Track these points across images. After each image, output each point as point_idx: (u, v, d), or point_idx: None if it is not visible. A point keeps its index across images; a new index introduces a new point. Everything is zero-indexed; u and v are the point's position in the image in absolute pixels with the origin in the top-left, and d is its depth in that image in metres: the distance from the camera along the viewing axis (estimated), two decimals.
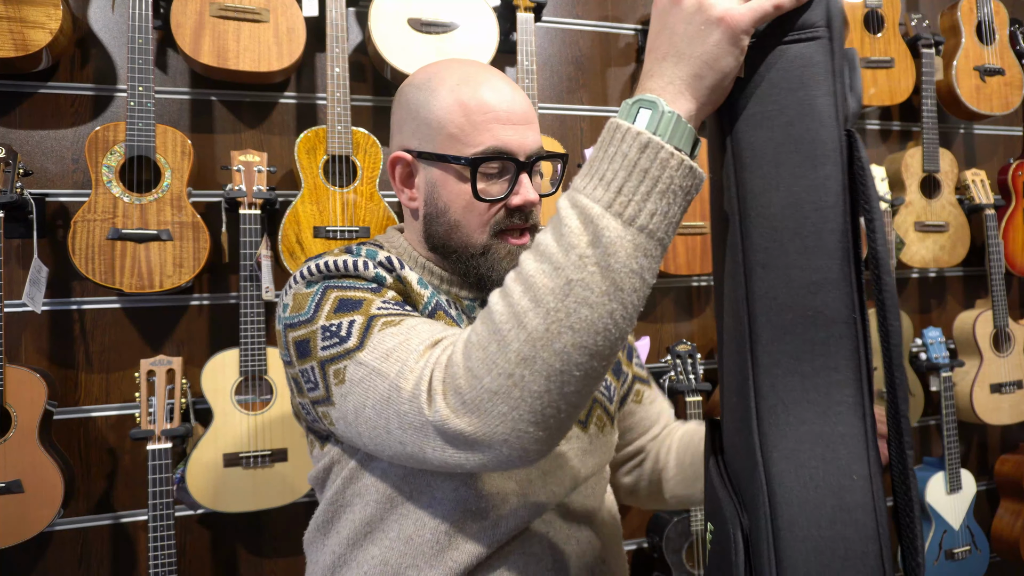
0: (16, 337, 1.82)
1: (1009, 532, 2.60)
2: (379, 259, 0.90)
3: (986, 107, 2.54)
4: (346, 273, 0.88)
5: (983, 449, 2.80)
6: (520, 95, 0.94)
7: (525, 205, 0.93)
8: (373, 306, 0.82)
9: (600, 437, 1.02)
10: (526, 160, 0.92)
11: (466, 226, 0.94)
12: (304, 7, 1.89)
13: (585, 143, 2.29)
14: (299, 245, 1.82)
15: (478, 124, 0.90)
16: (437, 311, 0.91)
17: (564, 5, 2.31)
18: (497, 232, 0.93)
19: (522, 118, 0.93)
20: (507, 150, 0.91)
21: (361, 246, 0.94)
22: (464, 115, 0.91)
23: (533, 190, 0.93)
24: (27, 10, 1.66)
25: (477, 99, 0.91)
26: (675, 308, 2.39)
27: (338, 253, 0.91)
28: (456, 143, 0.91)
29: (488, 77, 0.94)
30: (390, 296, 0.85)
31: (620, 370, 1.13)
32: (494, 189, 0.93)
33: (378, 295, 0.85)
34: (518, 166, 0.92)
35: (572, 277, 0.63)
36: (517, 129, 0.92)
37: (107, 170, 1.72)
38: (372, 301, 0.83)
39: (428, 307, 0.91)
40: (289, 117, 2.04)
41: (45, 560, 1.83)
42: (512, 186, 0.92)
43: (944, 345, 2.47)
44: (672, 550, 2.11)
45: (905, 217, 2.46)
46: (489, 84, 0.92)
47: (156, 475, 1.65)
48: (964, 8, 2.54)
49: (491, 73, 0.95)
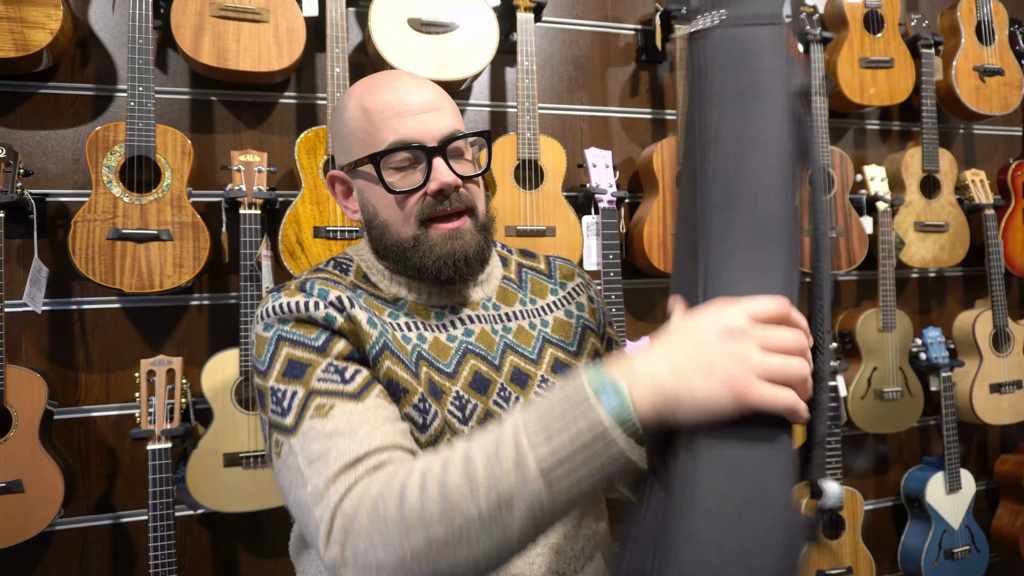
0: (16, 337, 1.82)
1: (1009, 532, 2.60)
2: (330, 299, 0.90)
3: (986, 107, 2.55)
4: (298, 316, 0.88)
5: (983, 449, 2.80)
6: (424, 87, 0.96)
7: (443, 188, 0.93)
8: (314, 377, 0.84)
9: None
10: (437, 145, 0.94)
11: (393, 223, 0.96)
12: (304, 7, 1.89)
13: (585, 143, 2.29)
14: (299, 245, 1.82)
15: (378, 123, 0.93)
16: (384, 352, 0.90)
17: (564, 5, 2.31)
18: (424, 221, 0.95)
19: (423, 107, 0.94)
20: (411, 139, 0.93)
21: (314, 281, 0.92)
22: (366, 119, 0.94)
23: (448, 173, 0.93)
24: (27, 10, 1.66)
25: (375, 101, 0.94)
26: None
27: (293, 291, 0.91)
28: (366, 147, 0.95)
29: (391, 80, 0.96)
30: (336, 352, 0.86)
31: (600, 360, 1.13)
32: (411, 180, 0.94)
33: (323, 355, 0.86)
34: (427, 152, 0.93)
35: (483, 510, 0.67)
36: (419, 118, 0.93)
37: (107, 170, 1.72)
38: (315, 368, 0.84)
39: (375, 348, 0.90)
40: (289, 117, 2.05)
41: (45, 560, 1.83)
42: (428, 173, 0.93)
43: (944, 345, 2.48)
44: None
45: (905, 217, 2.46)
46: (389, 85, 0.95)
47: (156, 475, 1.65)
48: (964, 8, 2.54)
49: (395, 76, 0.98)
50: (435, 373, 0.94)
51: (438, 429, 0.91)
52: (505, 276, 1.09)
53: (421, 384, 0.92)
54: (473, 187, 0.98)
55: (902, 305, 2.62)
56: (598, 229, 2.05)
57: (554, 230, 2.04)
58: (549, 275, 1.13)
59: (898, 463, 2.66)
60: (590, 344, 1.09)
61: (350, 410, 0.81)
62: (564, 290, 1.12)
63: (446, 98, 0.99)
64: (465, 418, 0.94)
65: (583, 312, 1.11)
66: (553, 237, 2.04)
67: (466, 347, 0.98)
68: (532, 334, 1.04)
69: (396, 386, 0.89)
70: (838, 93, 2.39)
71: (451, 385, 0.95)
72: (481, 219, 0.99)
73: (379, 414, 0.82)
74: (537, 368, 1.01)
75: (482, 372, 0.97)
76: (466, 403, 0.95)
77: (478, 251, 0.97)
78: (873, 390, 2.40)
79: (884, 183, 2.42)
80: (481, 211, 1.00)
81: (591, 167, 2.08)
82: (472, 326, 1.00)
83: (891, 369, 2.41)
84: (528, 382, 1.00)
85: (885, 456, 2.65)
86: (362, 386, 0.85)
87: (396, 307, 0.98)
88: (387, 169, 0.94)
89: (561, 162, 2.08)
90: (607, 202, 2.05)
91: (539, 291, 1.10)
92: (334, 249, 1.84)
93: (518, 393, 0.99)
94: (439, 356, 0.96)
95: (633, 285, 2.31)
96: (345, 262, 1.03)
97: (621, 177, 2.27)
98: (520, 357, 1.01)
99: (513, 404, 0.98)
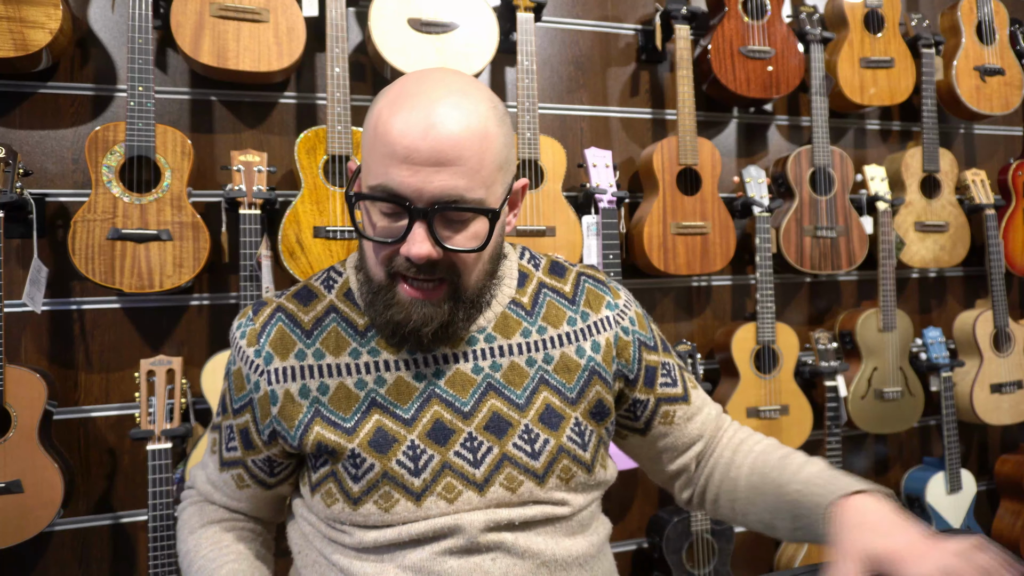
0: (16, 337, 1.82)
1: (1009, 532, 2.60)
2: (271, 368, 0.93)
3: (986, 107, 2.54)
4: (240, 368, 0.96)
5: (983, 449, 2.80)
6: (447, 126, 0.80)
7: (412, 258, 0.82)
8: (223, 423, 1.01)
9: (510, 494, 0.92)
10: (426, 208, 0.81)
11: (369, 258, 0.89)
12: (304, 7, 1.89)
13: (585, 143, 2.29)
14: (299, 245, 1.82)
15: (378, 157, 0.82)
16: (313, 421, 0.92)
17: (564, 5, 2.31)
18: (393, 275, 0.87)
19: (428, 159, 0.80)
20: (398, 193, 0.81)
21: (276, 322, 0.96)
22: (373, 141, 0.84)
23: (424, 243, 0.81)
24: (27, 10, 1.66)
25: (386, 127, 0.81)
26: (675, 308, 2.39)
27: (252, 335, 0.96)
28: (366, 168, 0.86)
29: (419, 101, 0.82)
30: (237, 422, 0.98)
31: (605, 411, 0.99)
32: (391, 228, 0.85)
33: (232, 416, 0.99)
34: (410, 214, 0.81)
35: None
36: (417, 171, 0.80)
37: (107, 170, 1.72)
38: (225, 419, 1.00)
39: (302, 424, 0.93)
40: (289, 117, 2.05)
41: (45, 560, 1.83)
42: (407, 232, 0.82)
43: (944, 345, 2.48)
44: (672, 550, 2.11)
45: (905, 217, 2.46)
46: (411, 110, 0.81)
47: (156, 475, 1.65)
48: (964, 8, 2.54)
49: (429, 95, 0.82)
50: (389, 419, 0.90)
51: (372, 481, 0.89)
52: (515, 300, 0.98)
53: (358, 438, 0.90)
54: (465, 257, 0.86)
55: (902, 305, 2.62)
56: (598, 229, 2.05)
57: (554, 230, 2.04)
58: (572, 300, 1.01)
59: (898, 463, 2.66)
60: (593, 393, 0.97)
61: (216, 465, 1.03)
62: (584, 322, 0.99)
63: (474, 138, 0.82)
64: (417, 469, 0.89)
65: (597, 354, 0.98)
66: (553, 237, 2.04)
67: (432, 391, 0.92)
68: (527, 372, 0.94)
69: (325, 448, 0.90)
70: (838, 93, 2.39)
71: (406, 433, 0.90)
72: (464, 293, 0.89)
73: (228, 485, 1.02)
74: (522, 415, 0.93)
75: (444, 420, 0.91)
76: (420, 453, 0.89)
77: (443, 326, 0.88)
78: (873, 390, 2.40)
79: (884, 183, 2.42)
80: (468, 281, 0.88)
81: (591, 167, 2.08)
82: (445, 366, 0.93)
83: (891, 369, 2.41)
84: (508, 431, 0.92)
85: (885, 456, 2.65)
86: (227, 462, 1.01)
87: (365, 339, 0.93)
88: (373, 205, 0.85)
89: (561, 162, 2.08)
90: (607, 202, 2.05)
91: (554, 318, 0.98)
92: (334, 249, 1.84)
93: (491, 443, 0.91)
94: (398, 400, 0.91)
95: (633, 285, 2.30)
96: (335, 276, 0.99)
97: (621, 177, 2.27)
98: (503, 401, 0.93)
99: (484, 455, 0.91)
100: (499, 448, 0.91)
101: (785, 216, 2.31)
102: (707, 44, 2.27)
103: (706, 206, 2.20)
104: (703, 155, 2.21)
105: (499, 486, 0.90)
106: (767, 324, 2.23)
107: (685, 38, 2.20)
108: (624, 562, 2.32)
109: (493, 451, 0.91)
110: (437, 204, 0.81)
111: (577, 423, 0.95)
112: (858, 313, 2.42)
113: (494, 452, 0.91)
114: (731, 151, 2.47)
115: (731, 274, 2.46)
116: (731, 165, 2.46)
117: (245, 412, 0.96)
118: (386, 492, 0.89)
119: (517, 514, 0.91)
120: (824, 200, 2.34)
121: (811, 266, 2.32)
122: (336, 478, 0.91)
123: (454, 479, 0.90)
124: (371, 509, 0.89)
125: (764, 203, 2.23)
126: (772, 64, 2.28)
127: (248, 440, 0.97)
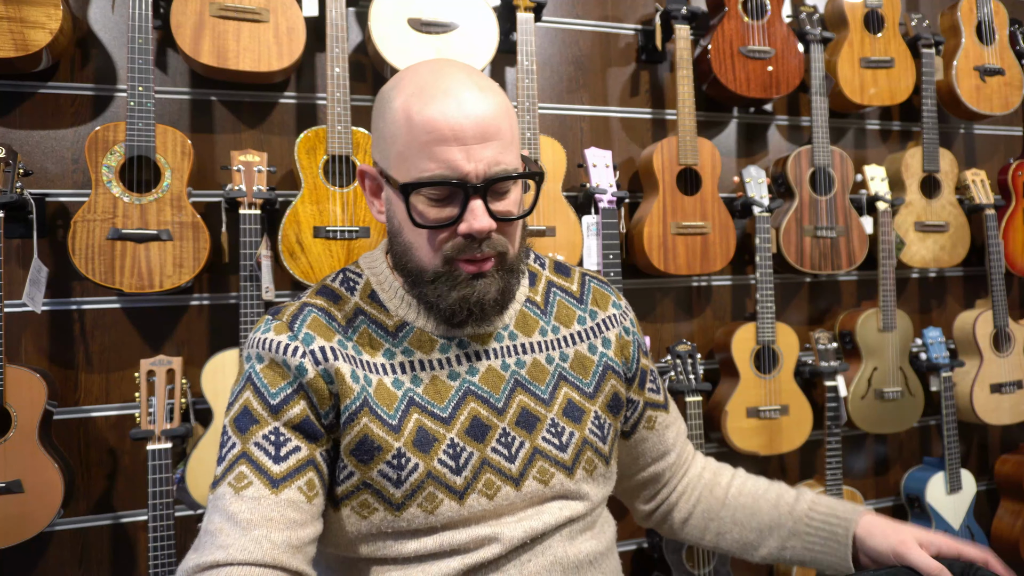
0: (16, 337, 1.82)
1: (1009, 532, 2.60)
2: (313, 347, 0.88)
3: (986, 107, 2.54)
4: (273, 358, 0.88)
5: (983, 449, 2.80)
6: (480, 105, 0.84)
7: (475, 233, 0.85)
8: (252, 440, 0.86)
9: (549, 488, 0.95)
10: (480, 183, 0.84)
11: (418, 249, 0.89)
12: (304, 7, 1.89)
13: (585, 143, 2.29)
14: (299, 245, 1.82)
15: (421, 145, 0.83)
16: (363, 408, 0.88)
17: (564, 5, 2.31)
18: (449, 259, 0.88)
19: (475, 135, 0.83)
20: (452, 175, 0.83)
21: (307, 316, 0.91)
22: (409, 133, 0.84)
23: (484, 216, 0.84)
24: (27, 10, 1.66)
25: (424, 115, 0.83)
26: (675, 308, 2.39)
27: (283, 324, 0.90)
28: (403, 163, 0.86)
29: (446, 87, 0.85)
30: (287, 418, 0.86)
31: (620, 403, 1.04)
32: (444, 213, 0.86)
33: (274, 417, 0.86)
34: (465, 191, 0.84)
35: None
36: (467, 150, 0.83)
37: (107, 170, 1.72)
38: (259, 429, 0.86)
39: (354, 404, 0.88)
40: (289, 117, 2.05)
41: (45, 560, 1.83)
42: (462, 211, 0.84)
43: (944, 345, 2.48)
44: (672, 550, 2.11)
45: (905, 217, 2.46)
46: (443, 96, 0.84)
47: (156, 475, 1.65)
48: (964, 8, 2.54)
49: (452, 81, 0.85)
50: (428, 419, 0.90)
51: (416, 482, 0.88)
52: (529, 299, 1.01)
53: (403, 437, 0.88)
54: (509, 227, 0.90)
55: (902, 305, 2.62)
56: (598, 229, 2.05)
57: (554, 230, 2.04)
58: (580, 299, 1.05)
59: (898, 463, 2.66)
60: (609, 386, 1.02)
61: (261, 497, 0.83)
62: (593, 320, 1.04)
63: (503, 114, 0.86)
64: (458, 468, 0.89)
65: (608, 350, 1.03)
66: (553, 237, 2.04)
67: (468, 388, 0.93)
68: (548, 369, 0.97)
69: (370, 444, 0.88)
70: (838, 93, 2.39)
71: (445, 432, 0.90)
72: (510, 261, 0.91)
73: (285, 515, 0.83)
74: (548, 410, 0.96)
75: (481, 417, 0.92)
76: (461, 451, 0.90)
77: (499, 296, 0.90)
78: (873, 390, 2.40)
79: (884, 183, 2.42)
80: (512, 253, 0.91)
81: (591, 167, 2.08)
82: (478, 363, 0.95)
83: (891, 369, 2.41)
84: (536, 425, 0.94)
85: (885, 456, 2.65)
86: (287, 472, 0.85)
87: (397, 339, 0.93)
88: (419, 196, 0.86)
89: (561, 162, 2.08)
90: (607, 202, 2.05)
91: (565, 318, 1.02)
92: (334, 249, 1.84)
93: (523, 437, 0.93)
94: (435, 400, 0.91)
95: (633, 285, 2.31)
96: (354, 277, 0.98)
97: (621, 177, 2.27)
98: (531, 396, 0.95)
99: (517, 449, 0.93)
100: (530, 443, 0.94)
101: (785, 216, 2.31)
102: (707, 44, 2.27)
103: (706, 206, 2.20)
104: (703, 155, 2.21)
105: (533, 479, 0.93)
106: (767, 324, 2.23)
107: (685, 38, 2.20)
108: (624, 562, 2.31)
109: (525, 445, 0.94)
110: (489, 179, 0.84)
111: (597, 416, 1.00)
112: (858, 313, 2.42)
113: (526, 446, 0.94)
114: (731, 151, 2.47)
115: (731, 274, 2.46)
116: (731, 165, 2.46)
117: (294, 403, 0.87)
118: (430, 493, 0.88)
119: (549, 519, 0.93)
120: (824, 200, 2.35)
121: (811, 266, 2.32)
122: (372, 488, 0.88)
123: (493, 475, 0.91)
124: (415, 512, 0.88)
125: (764, 203, 2.23)
126: (772, 64, 2.28)
127: (310, 430, 0.87)
